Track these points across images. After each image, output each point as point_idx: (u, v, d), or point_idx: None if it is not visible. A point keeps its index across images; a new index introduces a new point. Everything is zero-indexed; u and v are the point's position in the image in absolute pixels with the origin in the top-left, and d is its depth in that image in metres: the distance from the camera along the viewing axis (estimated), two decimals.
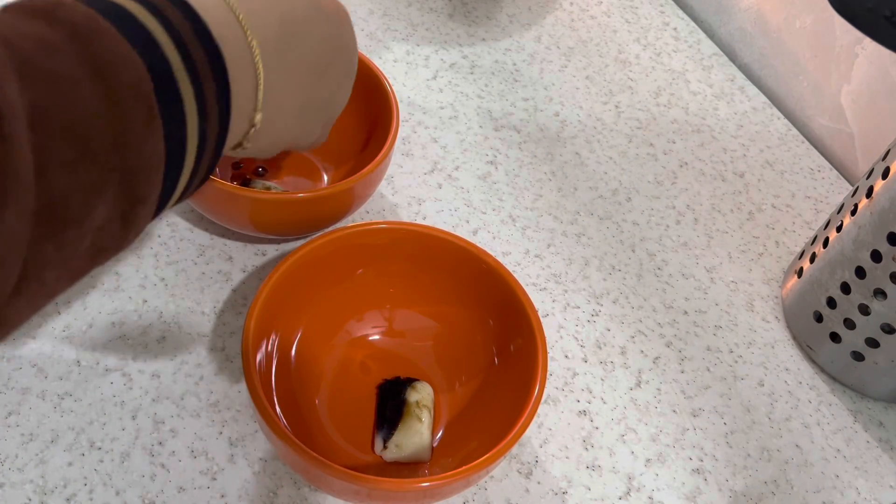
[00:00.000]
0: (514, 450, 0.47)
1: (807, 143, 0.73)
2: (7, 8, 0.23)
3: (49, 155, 0.21)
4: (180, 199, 0.29)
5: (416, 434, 0.44)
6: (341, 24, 0.38)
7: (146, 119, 0.24)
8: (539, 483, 0.46)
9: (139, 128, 0.24)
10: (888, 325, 0.49)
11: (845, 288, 0.51)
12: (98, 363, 0.46)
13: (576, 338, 0.53)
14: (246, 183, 0.53)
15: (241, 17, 0.29)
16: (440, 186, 0.60)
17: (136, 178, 0.24)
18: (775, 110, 0.75)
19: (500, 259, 0.54)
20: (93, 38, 0.23)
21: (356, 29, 0.72)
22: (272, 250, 0.54)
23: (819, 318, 0.54)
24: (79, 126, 0.22)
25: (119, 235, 0.25)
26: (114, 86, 0.23)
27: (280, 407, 0.42)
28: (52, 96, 0.21)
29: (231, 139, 0.31)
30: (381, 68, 0.56)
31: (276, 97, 0.33)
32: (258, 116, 0.32)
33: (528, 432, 0.48)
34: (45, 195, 0.21)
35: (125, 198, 0.24)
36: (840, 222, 0.52)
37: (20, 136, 0.20)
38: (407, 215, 0.58)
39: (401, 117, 0.63)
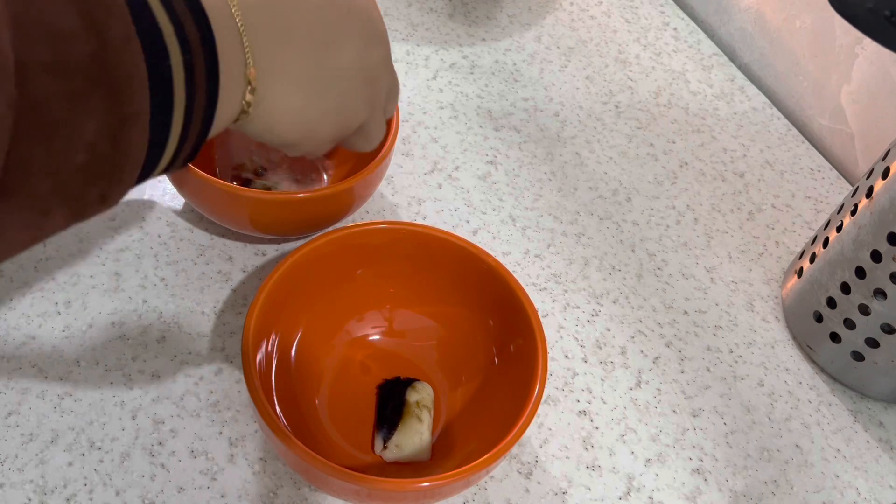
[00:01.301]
0: (514, 450, 0.47)
1: (807, 143, 0.73)
2: None
3: (28, 54, 0.23)
4: (181, 154, 0.30)
5: (416, 434, 0.44)
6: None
7: (123, 37, 0.25)
8: (539, 483, 0.46)
9: (118, 44, 0.25)
10: (888, 325, 0.49)
11: (845, 288, 0.51)
12: (98, 363, 0.46)
13: (576, 338, 0.53)
14: (246, 183, 0.53)
15: None
16: (440, 186, 0.60)
17: (120, 94, 0.25)
18: (775, 110, 0.75)
19: (500, 259, 0.54)
20: None
21: None
22: (272, 250, 0.54)
23: (819, 318, 0.54)
24: (57, 34, 0.23)
25: (112, 159, 0.26)
26: (90, 3, 0.24)
27: (280, 407, 0.42)
28: (33, 8, 0.23)
29: (230, 97, 0.32)
30: None
31: (272, 60, 0.33)
32: (251, 72, 0.32)
33: (528, 432, 0.48)
34: (27, 93, 0.23)
35: (112, 114, 0.25)
36: (840, 222, 0.52)
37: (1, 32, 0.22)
38: (407, 215, 0.58)
39: (401, 117, 0.63)
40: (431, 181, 0.61)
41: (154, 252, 0.52)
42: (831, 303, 0.52)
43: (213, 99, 0.30)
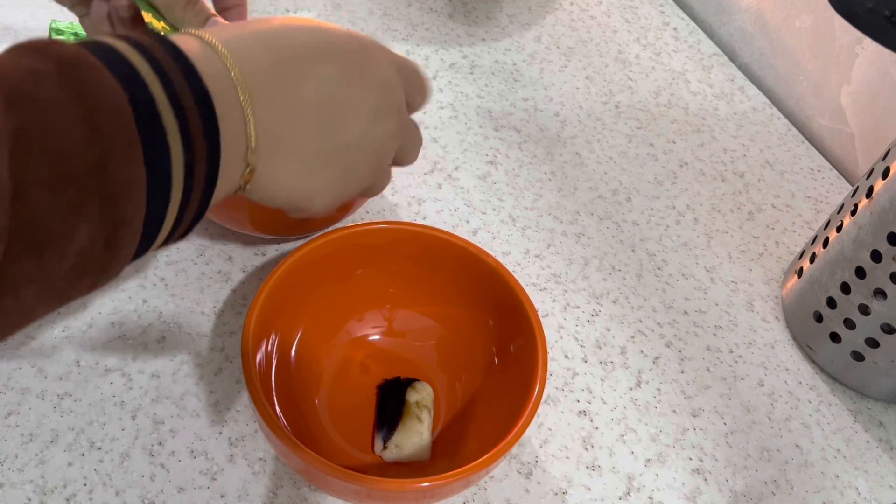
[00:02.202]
0: (514, 450, 0.47)
1: (807, 143, 0.73)
2: (6, 49, 0.25)
3: (27, 175, 0.22)
4: (175, 235, 0.30)
5: (416, 434, 0.44)
6: (365, 63, 0.35)
7: (126, 144, 0.25)
8: (539, 483, 0.46)
9: (119, 152, 0.25)
10: (888, 325, 0.49)
11: (845, 288, 0.51)
12: (98, 363, 0.46)
13: (576, 338, 0.53)
14: None
15: (228, 63, 0.30)
16: (440, 186, 0.60)
17: (117, 201, 0.25)
18: (775, 110, 0.75)
19: (500, 259, 0.54)
20: (79, 68, 0.24)
21: (356, 29, 0.72)
22: (272, 250, 0.54)
23: (819, 318, 0.54)
24: (58, 147, 0.23)
25: (102, 259, 0.26)
26: (95, 109, 0.24)
27: (280, 407, 0.42)
28: (34, 119, 0.23)
29: (228, 178, 0.31)
30: None
31: (277, 141, 0.32)
32: (253, 156, 0.31)
33: (528, 432, 0.48)
34: (23, 213, 0.22)
35: (107, 221, 0.25)
36: (840, 222, 0.52)
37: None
38: (407, 215, 0.58)
39: None
40: (431, 181, 0.61)
41: (154, 252, 0.52)
42: (831, 303, 0.52)
43: (211, 187, 0.30)
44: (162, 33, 0.42)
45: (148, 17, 0.42)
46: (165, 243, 0.30)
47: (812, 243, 0.56)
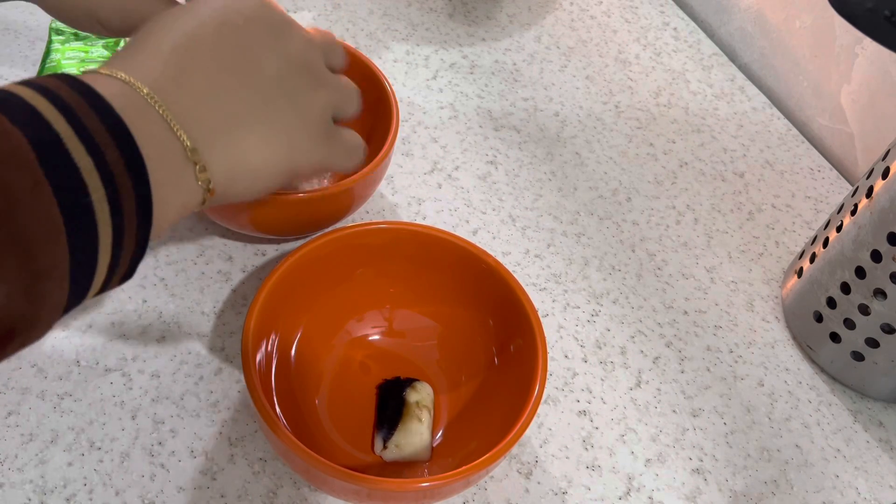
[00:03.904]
0: (514, 450, 0.47)
1: (807, 143, 0.73)
2: None
3: None
4: (115, 276, 0.28)
5: (416, 434, 0.44)
6: (238, 6, 0.34)
7: (31, 186, 0.23)
8: (539, 483, 0.46)
9: (25, 197, 0.23)
10: (888, 325, 0.49)
11: (845, 288, 0.51)
12: (98, 363, 0.46)
13: (576, 338, 0.53)
14: None
15: (122, 76, 0.29)
16: (440, 186, 0.60)
17: (31, 250, 0.23)
18: (775, 110, 0.75)
19: (500, 259, 0.54)
20: None
21: (356, 28, 0.72)
22: (272, 250, 0.54)
23: (819, 318, 0.54)
24: None
25: (27, 313, 0.24)
26: None
27: (280, 407, 0.42)
28: None
29: (177, 192, 0.30)
30: (381, 68, 0.56)
31: (209, 118, 0.31)
32: (196, 153, 0.30)
33: (528, 432, 0.48)
34: None
35: (25, 272, 0.23)
36: (840, 222, 0.52)
37: None
38: (407, 215, 0.58)
39: (401, 117, 0.63)
40: (431, 181, 0.61)
41: (154, 252, 0.52)
42: (831, 303, 0.52)
43: (147, 217, 0.28)
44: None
45: None
46: (107, 287, 0.28)
47: (812, 243, 0.56)
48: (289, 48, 0.35)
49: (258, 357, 0.41)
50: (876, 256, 0.48)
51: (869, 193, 0.49)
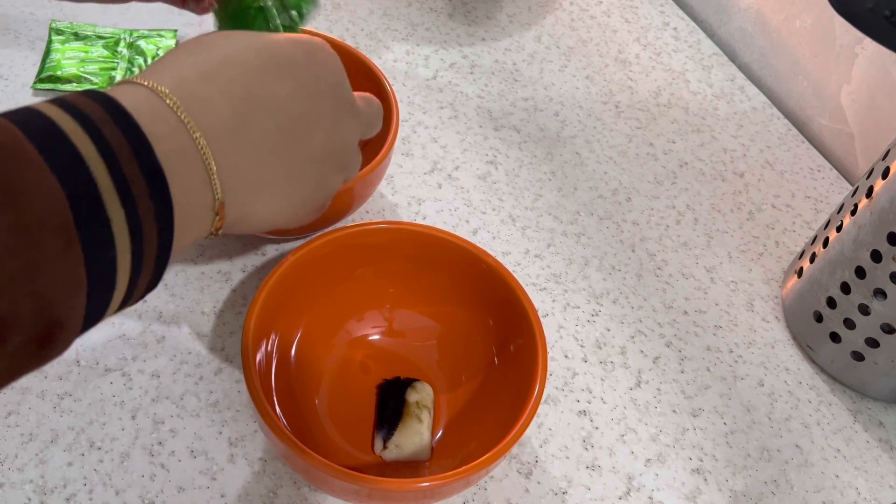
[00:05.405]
0: (514, 450, 0.47)
1: (807, 143, 0.73)
2: None
3: None
4: (128, 303, 0.28)
5: (416, 434, 0.44)
6: (313, 68, 0.34)
7: (62, 248, 0.23)
8: (539, 483, 0.46)
9: (54, 256, 0.22)
10: (888, 325, 0.49)
11: (845, 288, 0.51)
12: (98, 363, 0.46)
13: (576, 338, 0.53)
14: None
15: (183, 116, 0.28)
16: (440, 186, 0.60)
17: (51, 304, 0.23)
18: (775, 110, 0.75)
19: (500, 259, 0.54)
20: (9, 164, 0.22)
21: (356, 28, 0.72)
22: (272, 250, 0.54)
23: (819, 318, 0.54)
24: None
25: (38, 356, 0.24)
26: (25, 214, 0.22)
27: (280, 407, 0.42)
28: None
29: (190, 235, 0.29)
30: (381, 68, 0.56)
31: (246, 178, 0.31)
32: (220, 204, 0.30)
33: (528, 432, 0.48)
34: None
35: (41, 323, 0.23)
36: (840, 222, 0.52)
37: None
38: (407, 215, 0.58)
39: (401, 117, 0.63)
40: (431, 181, 0.61)
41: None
42: (831, 303, 0.52)
43: (165, 257, 0.27)
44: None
45: None
46: (120, 310, 0.28)
47: (812, 243, 0.56)
48: (342, 133, 0.35)
49: (258, 357, 0.41)
50: (876, 256, 0.48)
51: (869, 193, 0.49)
